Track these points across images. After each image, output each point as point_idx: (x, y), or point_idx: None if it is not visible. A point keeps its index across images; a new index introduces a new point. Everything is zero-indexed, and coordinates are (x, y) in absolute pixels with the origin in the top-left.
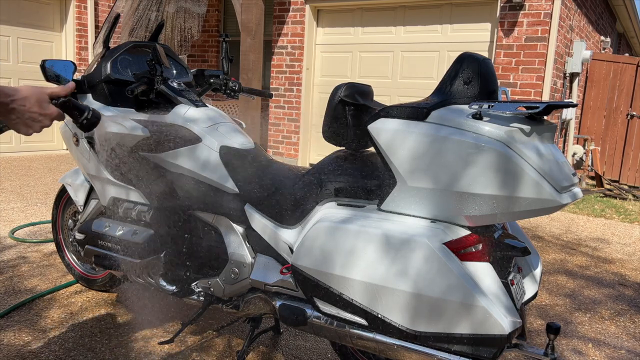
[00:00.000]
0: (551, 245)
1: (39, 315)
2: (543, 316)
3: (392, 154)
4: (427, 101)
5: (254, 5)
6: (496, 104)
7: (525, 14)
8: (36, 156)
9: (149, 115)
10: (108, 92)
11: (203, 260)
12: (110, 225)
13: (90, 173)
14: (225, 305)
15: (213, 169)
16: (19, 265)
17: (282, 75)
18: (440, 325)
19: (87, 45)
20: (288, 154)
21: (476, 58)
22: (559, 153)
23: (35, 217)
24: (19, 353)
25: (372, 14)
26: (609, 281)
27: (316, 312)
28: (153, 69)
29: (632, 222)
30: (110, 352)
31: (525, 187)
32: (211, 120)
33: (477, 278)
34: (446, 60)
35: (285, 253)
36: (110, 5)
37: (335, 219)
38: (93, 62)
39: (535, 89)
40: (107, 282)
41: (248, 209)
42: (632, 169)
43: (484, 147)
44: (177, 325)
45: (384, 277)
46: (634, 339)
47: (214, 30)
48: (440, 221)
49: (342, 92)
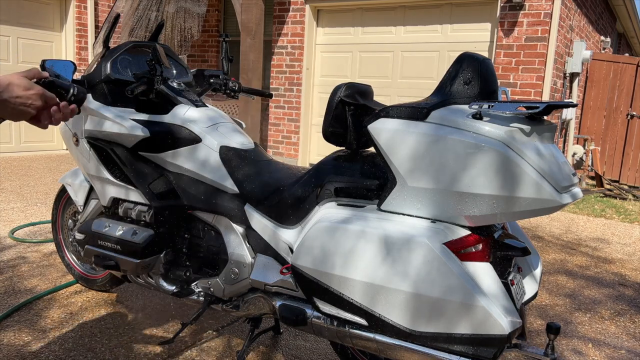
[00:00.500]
0: (551, 245)
1: (39, 315)
2: (543, 316)
3: (392, 154)
4: (427, 101)
5: (254, 5)
6: (496, 104)
7: (525, 14)
8: (36, 156)
9: (149, 115)
10: (108, 92)
11: (203, 260)
12: (110, 225)
13: (90, 173)
14: (225, 305)
15: (213, 169)
16: (19, 265)
17: (282, 75)
18: (440, 325)
19: (87, 45)
20: (288, 154)
21: (476, 58)
22: (559, 153)
23: (35, 217)
24: (19, 353)
25: (372, 14)
26: (609, 281)
27: (316, 312)
28: (153, 69)
29: (632, 222)
30: (110, 352)
31: (525, 187)
32: (211, 120)
33: (477, 278)
34: (446, 60)
35: (285, 253)
36: (110, 5)
37: (335, 219)
38: (93, 62)
39: (535, 89)
40: (107, 282)
41: (248, 209)
42: (632, 169)
43: (484, 147)
44: (177, 325)
45: (384, 277)
46: (634, 339)
47: (214, 30)
48: (440, 221)
49: (342, 92)
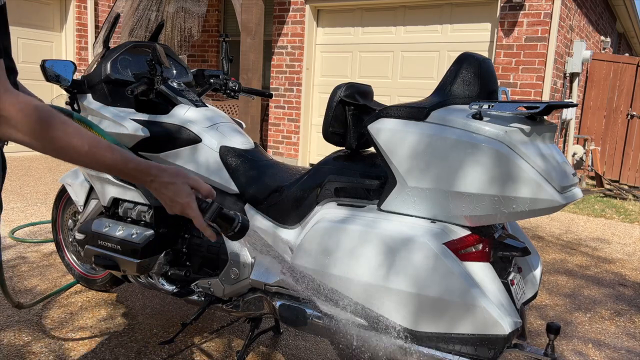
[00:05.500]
0: (551, 245)
1: (39, 315)
2: (543, 316)
3: (392, 154)
4: (427, 101)
5: (254, 5)
6: (496, 104)
7: (525, 14)
8: (36, 156)
9: (149, 115)
10: (108, 92)
11: (203, 260)
12: (110, 225)
13: (90, 173)
14: (225, 305)
15: (213, 169)
16: (19, 265)
17: (282, 75)
18: (440, 325)
19: (87, 45)
20: (288, 154)
21: (476, 58)
22: (559, 153)
23: (35, 217)
24: (19, 353)
25: (372, 14)
26: (608, 281)
27: (316, 312)
28: (153, 69)
29: (632, 222)
30: (110, 352)
31: (525, 187)
32: (211, 120)
33: (477, 278)
34: (446, 60)
35: (285, 253)
36: (110, 5)
37: (335, 219)
38: (93, 62)
39: (535, 89)
40: (107, 282)
41: (248, 209)
42: (632, 169)
43: (484, 147)
44: (177, 325)
45: (384, 277)
46: (634, 339)
47: (214, 30)
48: (440, 221)
49: (342, 92)
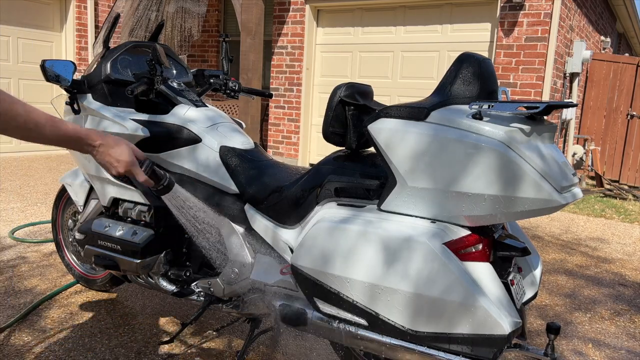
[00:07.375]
0: (551, 245)
1: (39, 315)
2: (543, 316)
3: (391, 154)
4: (427, 101)
5: (254, 5)
6: (496, 104)
7: (525, 14)
8: (36, 156)
9: (149, 115)
10: (108, 92)
11: (203, 260)
12: (110, 225)
13: (90, 173)
14: (225, 305)
15: (213, 169)
16: (19, 265)
17: (282, 75)
18: (440, 325)
19: (87, 45)
20: (288, 154)
21: (476, 58)
22: (559, 153)
23: (35, 217)
24: (18, 353)
25: (372, 14)
26: (608, 281)
27: (316, 312)
28: (153, 69)
29: (632, 222)
30: (110, 352)
31: (525, 187)
32: (211, 120)
33: (477, 278)
34: (446, 60)
35: (285, 253)
36: (110, 5)
37: (335, 219)
38: (93, 62)
39: (535, 89)
40: (107, 282)
41: (248, 209)
42: (632, 169)
43: (484, 147)
44: (177, 325)
45: (384, 277)
46: (634, 339)
47: (214, 30)
48: (440, 221)
49: (342, 92)
